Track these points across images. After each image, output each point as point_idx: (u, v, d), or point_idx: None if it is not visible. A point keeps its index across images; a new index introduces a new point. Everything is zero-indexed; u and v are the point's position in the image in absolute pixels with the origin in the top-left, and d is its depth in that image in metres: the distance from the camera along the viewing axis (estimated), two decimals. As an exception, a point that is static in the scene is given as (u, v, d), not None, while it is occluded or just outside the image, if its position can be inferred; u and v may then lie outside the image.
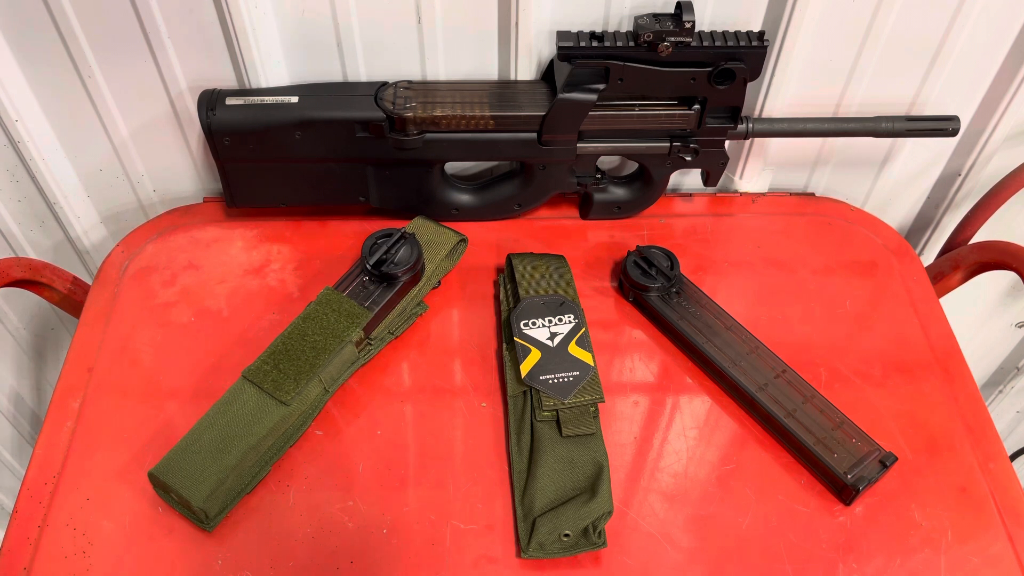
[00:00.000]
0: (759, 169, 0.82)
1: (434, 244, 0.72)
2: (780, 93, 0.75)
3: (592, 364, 0.65)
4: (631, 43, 0.66)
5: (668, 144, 0.74)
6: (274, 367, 0.62)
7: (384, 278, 0.68)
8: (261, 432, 0.59)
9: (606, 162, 0.81)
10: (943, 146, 0.82)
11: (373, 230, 0.70)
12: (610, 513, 0.58)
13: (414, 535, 0.58)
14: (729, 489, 0.61)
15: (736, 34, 0.67)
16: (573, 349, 0.66)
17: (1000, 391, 1.11)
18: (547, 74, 0.73)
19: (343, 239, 0.77)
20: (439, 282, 0.73)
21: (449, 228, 0.74)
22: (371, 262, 0.67)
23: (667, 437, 0.64)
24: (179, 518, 0.59)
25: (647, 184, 0.78)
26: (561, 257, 0.73)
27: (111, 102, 0.73)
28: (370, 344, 0.67)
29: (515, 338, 0.66)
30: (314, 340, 0.63)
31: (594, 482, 0.59)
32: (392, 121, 0.69)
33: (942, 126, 0.73)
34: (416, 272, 0.69)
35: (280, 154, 0.71)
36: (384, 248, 0.68)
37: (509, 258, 0.72)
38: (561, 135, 0.72)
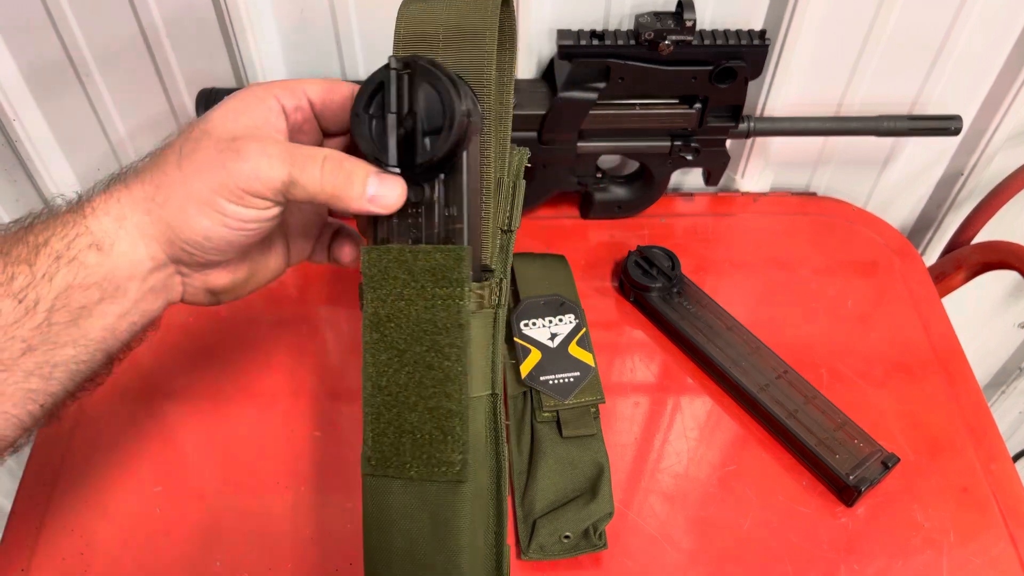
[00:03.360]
0: (760, 168, 0.82)
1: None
2: (781, 92, 0.75)
3: (592, 364, 0.65)
4: (632, 42, 0.66)
5: (669, 143, 0.73)
6: (396, 436, 0.40)
7: (429, 168, 0.40)
8: (456, 535, 0.41)
9: (607, 161, 0.81)
10: (945, 145, 0.82)
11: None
12: (611, 514, 0.58)
13: (413, 536, 0.58)
14: (730, 490, 0.61)
15: (737, 33, 0.67)
16: (573, 349, 0.65)
17: (1003, 392, 1.11)
18: (547, 73, 0.73)
19: (342, 239, 0.76)
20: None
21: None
22: (391, 158, 0.40)
23: (668, 438, 0.64)
24: (178, 519, 0.58)
25: (648, 183, 0.77)
26: (561, 257, 0.73)
27: (109, 101, 0.72)
28: (490, 274, 0.43)
29: (515, 338, 0.66)
30: (420, 355, 0.40)
31: (595, 483, 0.59)
32: (391, 120, 0.69)
33: (944, 125, 0.73)
34: (468, 115, 0.40)
35: (279, 153, 0.70)
36: (392, 111, 0.39)
37: (509, 258, 0.72)
38: (561, 134, 0.71)
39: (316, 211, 0.49)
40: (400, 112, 0.39)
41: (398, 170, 0.40)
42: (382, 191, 0.40)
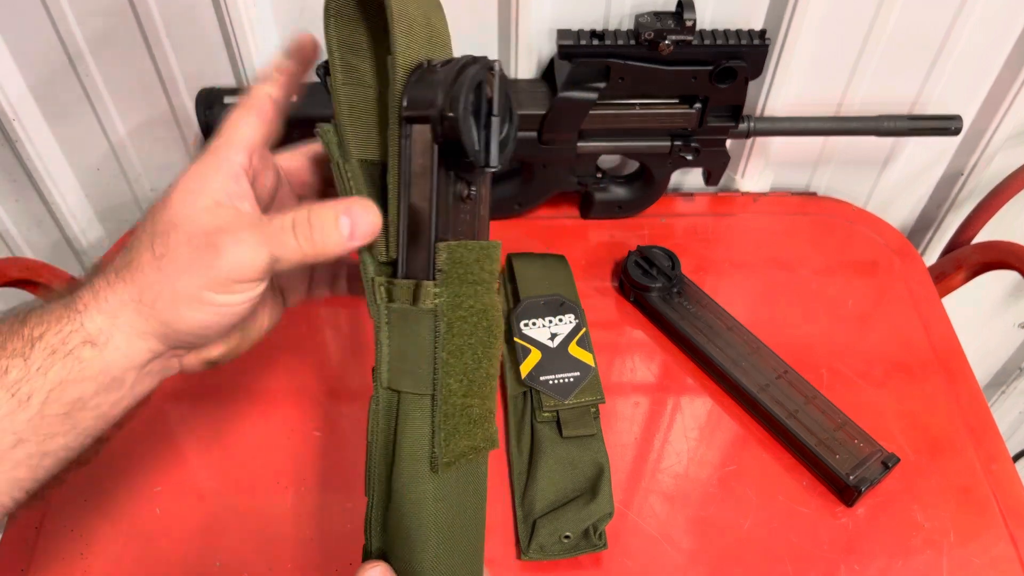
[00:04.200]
0: (760, 168, 0.82)
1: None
2: (782, 92, 0.74)
3: (592, 364, 0.65)
4: (632, 42, 0.66)
5: (669, 143, 0.73)
6: (467, 427, 0.41)
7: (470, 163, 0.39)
8: (484, 498, 0.44)
9: (607, 161, 0.81)
10: (945, 145, 0.82)
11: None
12: (611, 514, 0.58)
13: (413, 537, 0.58)
14: (730, 490, 0.61)
15: (737, 32, 0.67)
16: (573, 349, 0.65)
17: (1003, 392, 1.10)
18: (547, 73, 0.72)
19: (342, 239, 0.76)
20: None
21: None
22: (496, 161, 0.40)
23: (668, 438, 0.64)
24: (178, 519, 0.58)
25: (648, 183, 0.77)
26: (561, 257, 0.73)
27: (108, 101, 0.72)
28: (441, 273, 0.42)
29: (515, 338, 0.66)
30: (484, 341, 0.42)
31: (595, 483, 0.59)
32: (391, 120, 0.69)
33: (944, 125, 0.73)
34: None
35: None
36: (496, 115, 0.39)
37: (509, 258, 0.72)
38: (561, 134, 0.71)
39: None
40: (502, 115, 0.40)
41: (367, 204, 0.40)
42: (359, 226, 0.40)
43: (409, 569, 0.40)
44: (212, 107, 0.69)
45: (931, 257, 0.89)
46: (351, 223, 0.40)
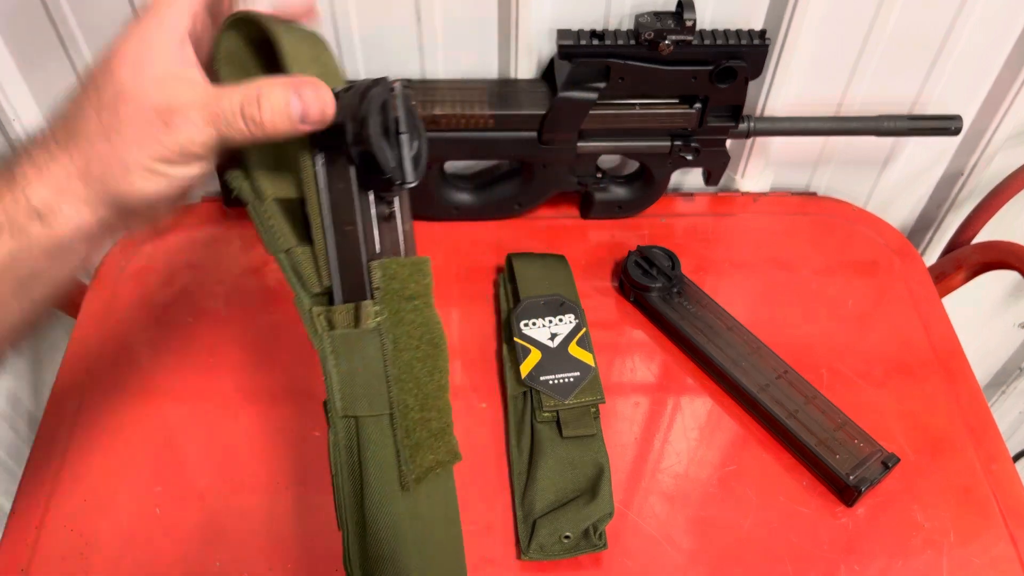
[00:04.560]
0: (760, 168, 0.82)
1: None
2: (782, 92, 0.74)
3: (592, 364, 0.65)
4: (632, 41, 0.66)
5: (669, 143, 0.73)
6: (429, 441, 0.42)
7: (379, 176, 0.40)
8: (456, 510, 0.45)
9: (607, 161, 0.81)
10: (945, 145, 0.82)
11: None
12: (611, 514, 0.58)
13: (413, 537, 0.58)
14: (730, 490, 0.61)
15: (737, 32, 0.67)
16: (573, 349, 0.65)
17: (1003, 392, 1.10)
18: (547, 73, 0.72)
19: (342, 239, 0.76)
20: None
21: None
22: (411, 177, 0.40)
23: (668, 438, 0.64)
24: (178, 519, 0.58)
25: (648, 183, 0.77)
26: (561, 257, 0.73)
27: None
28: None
29: (515, 338, 0.66)
30: (429, 355, 0.42)
31: (595, 483, 0.59)
32: (391, 120, 0.69)
33: (944, 125, 0.73)
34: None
35: (279, 153, 0.70)
36: (404, 132, 0.40)
37: (509, 258, 0.72)
38: (561, 134, 0.71)
39: None
40: (410, 131, 0.40)
41: (329, 91, 0.39)
42: (310, 109, 0.39)
43: None
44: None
45: (931, 257, 0.89)
46: (301, 106, 0.39)
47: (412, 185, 0.41)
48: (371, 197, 0.41)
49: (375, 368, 0.40)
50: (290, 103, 0.39)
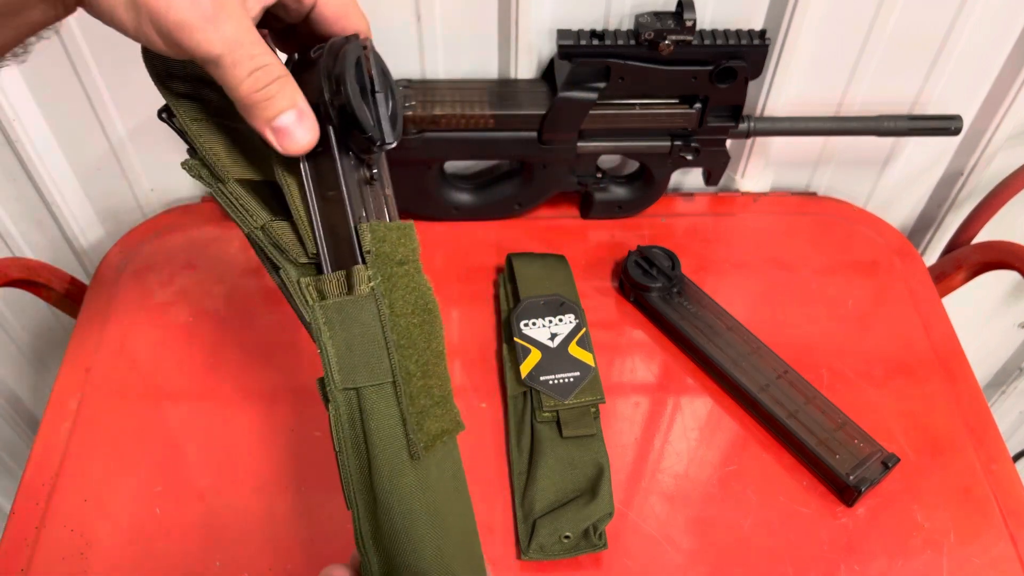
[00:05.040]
0: (761, 168, 0.82)
1: None
2: (782, 92, 0.74)
3: (593, 364, 0.65)
4: (632, 41, 0.66)
5: (669, 143, 0.73)
6: (434, 408, 0.41)
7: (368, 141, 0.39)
8: (463, 477, 0.43)
9: (607, 161, 0.81)
10: (945, 145, 0.82)
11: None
12: (611, 514, 0.58)
13: (413, 537, 0.58)
14: (730, 490, 0.61)
15: (737, 32, 0.67)
16: (573, 349, 0.65)
17: (1003, 392, 1.10)
18: (547, 73, 0.72)
19: (342, 239, 0.76)
20: None
21: None
22: (391, 137, 0.40)
23: (668, 438, 0.64)
24: (177, 519, 0.58)
25: (648, 183, 0.77)
26: (561, 257, 0.73)
27: (109, 101, 0.72)
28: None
29: (515, 338, 0.66)
30: (427, 323, 0.41)
31: (595, 483, 0.59)
32: (391, 120, 0.69)
33: (944, 125, 0.73)
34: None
35: (279, 153, 0.70)
36: (379, 91, 0.39)
37: (509, 258, 0.72)
38: (561, 134, 0.71)
39: None
40: (384, 91, 0.39)
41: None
42: (297, 130, 0.37)
43: (416, 569, 0.38)
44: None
45: (931, 257, 0.89)
46: (291, 123, 0.37)
47: (391, 146, 0.39)
48: (352, 161, 0.40)
49: (373, 334, 0.39)
50: (284, 113, 0.37)
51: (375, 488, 0.39)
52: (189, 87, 0.41)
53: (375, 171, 0.41)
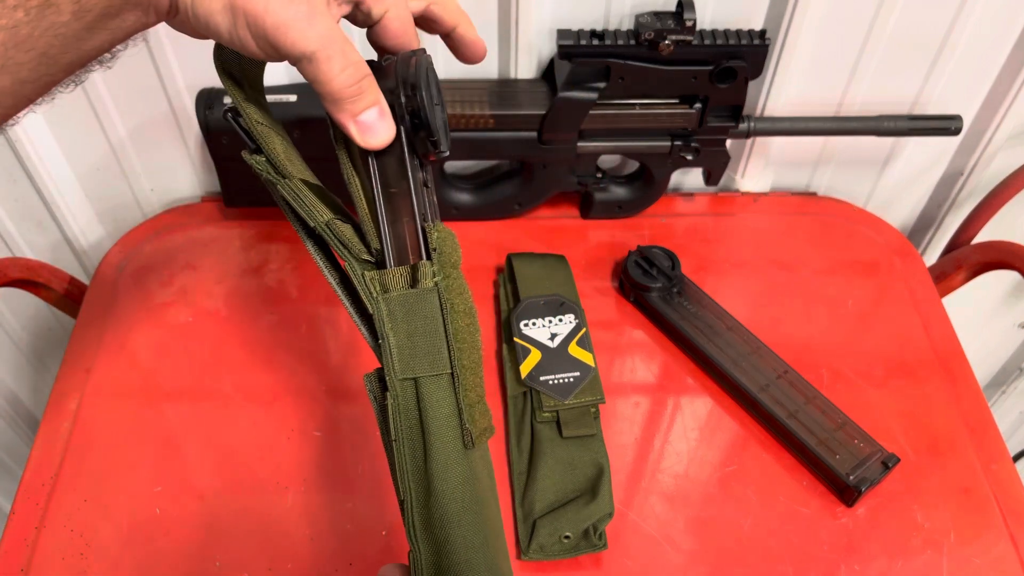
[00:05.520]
0: (761, 168, 0.82)
1: None
2: (782, 92, 0.74)
3: (592, 364, 0.65)
4: (632, 41, 0.66)
5: (669, 143, 0.73)
6: (481, 405, 0.42)
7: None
8: (493, 479, 0.44)
9: (607, 161, 0.81)
10: (945, 145, 0.82)
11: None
12: (611, 515, 0.58)
13: (413, 537, 0.58)
14: (730, 490, 0.61)
15: (738, 32, 0.67)
16: (573, 349, 0.65)
17: (1003, 392, 1.10)
18: (547, 73, 0.72)
19: (342, 239, 0.76)
20: None
21: None
22: (446, 147, 0.43)
23: (668, 438, 0.64)
24: (178, 519, 0.58)
25: (648, 183, 0.77)
26: (561, 257, 0.73)
27: (108, 101, 0.72)
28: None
29: (515, 338, 0.66)
30: (472, 326, 0.43)
31: (595, 483, 0.59)
32: (391, 120, 0.69)
33: (944, 125, 0.73)
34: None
35: (279, 153, 0.70)
36: (438, 103, 0.42)
37: (509, 258, 0.72)
38: (561, 134, 0.71)
39: None
40: (441, 103, 0.42)
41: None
42: (379, 125, 0.40)
43: (466, 558, 0.39)
44: (212, 107, 0.69)
45: (931, 257, 0.89)
46: (375, 120, 0.40)
47: (446, 154, 0.42)
48: (416, 162, 0.42)
49: (435, 327, 0.40)
50: (370, 110, 0.40)
51: (430, 476, 0.40)
52: (257, 95, 0.44)
53: (428, 176, 0.43)
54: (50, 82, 0.38)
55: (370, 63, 0.41)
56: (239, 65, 0.44)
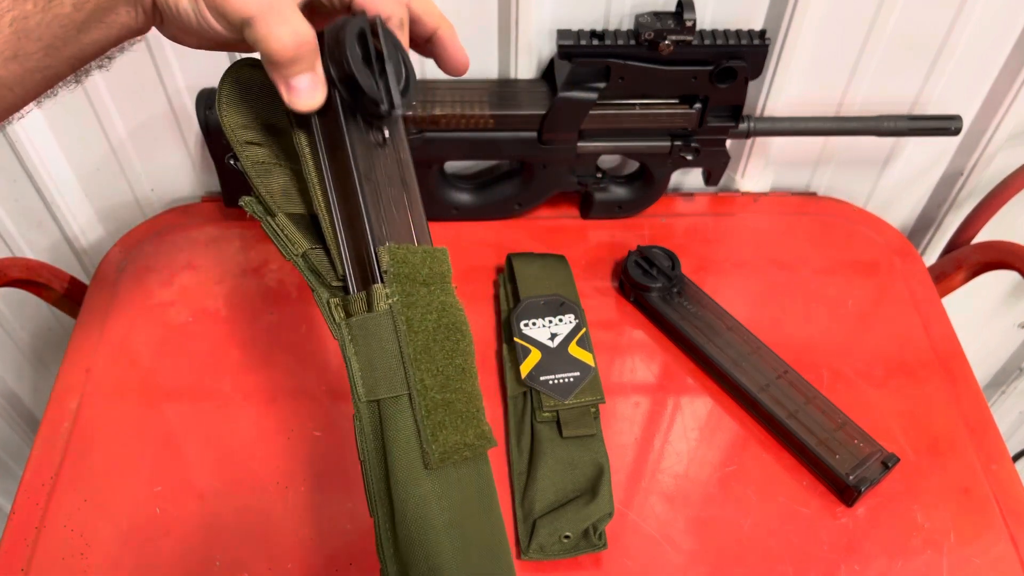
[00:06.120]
0: (761, 168, 0.82)
1: None
2: (782, 92, 0.74)
3: (593, 364, 0.65)
4: (632, 42, 0.66)
5: (669, 143, 0.73)
6: (453, 422, 0.42)
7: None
8: (495, 499, 0.44)
9: (607, 161, 0.81)
10: (945, 145, 0.82)
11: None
12: (611, 514, 0.58)
13: (413, 537, 0.58)
14: (730, 490, 0.61)
15: (737, 32, 0.67)
16: (573, 349, 0.65)
17: (1003, 392, 1.10)
18: (547, 73, 0.72)
19: (342, 239, 0.76)
20: None
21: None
22: (400, 106, 0.42)
23: (668, 438, 0.64)
24: (178, 518, 0.58)
25: (648, 183, 0.77)
26: (561, 257, 0.73)
27: (109, 101, 0.72)
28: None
29: (515, 338, 0.66)
30: (449, 338, 0.43)
31: (595, 483, 0.59)
32: (391, 120, 0.69)
33: (944, 125, 0.73)
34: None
35: (279, 153, 0.70)
36: (391, 60, 0.42)
37: (509, 258, 0.72)
38: (561, 134, 0.71)
39: None
40: (395, 62, 0.42)
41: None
42: (309, 90, 0.41)
43: None
44: (212, 107, 0.69)
45: (931, 257, 0.89)
46: (307, 85, 0.41)
47: (401, 113, 0.43)
48: (361, 125, 0.43)
49: (391, 349, 0.41)
50: (301, 76, 0.41)
51: (392, 495, 0.40)
52: (259, 136, 0.46)
53: (387, 134, 0.44)
54: (54, 75, 0.40)
55: (320, 32, 0.42)
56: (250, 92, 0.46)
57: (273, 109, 0.46)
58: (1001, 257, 0.76)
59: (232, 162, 0.46)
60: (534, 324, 0.67)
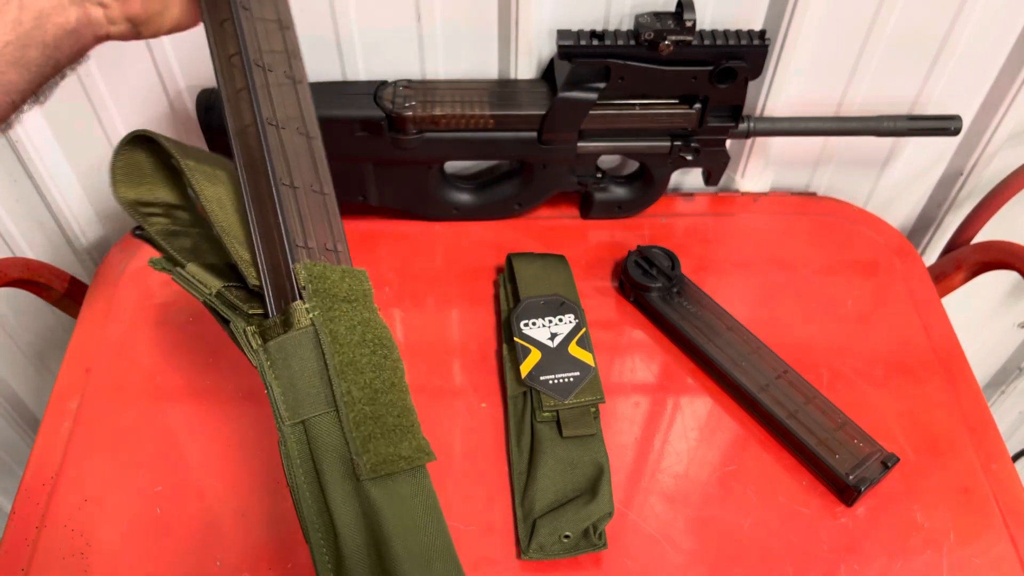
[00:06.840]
0: (760, 168, 0.82)
1: None
2: (781, 92, 0.74)
3: (592, 364, 0.65)
4: (632, 42, 0.66)
5: (669, 143, 0.73)
6: (383, 434, 0.41)
7: None
8: (439, 512, 0.43)
9: (607, 161, 0.81)
10: (945, 145, 0.82)
11: (373, 230, 0.70)
12: (611, 514, 0.58)
13: (413, 536, 0.58)
14: (730, 490, 0.61)
15: (737, 33, 0.67)
16: (573, 349, 0.65)
17: (1002, 392, 1.10)
18: (547, 73, 0.72)
19: (342, 239, 0.76)
20: None
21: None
22: None
23: (668, 438, 0.64)
24: (178, 518, 0.58)
25: (648, 183, 0.77)
26: (561, 257, 0.73)
27: (109, 101, 0.72)
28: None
29: (515, 338, 0.66)
30: (376, 353, 0.42)
31: (594, 483, 0.59)
32: (391, 120, 0.69)
33: (944, 125, 0.73)
34: None
35: (279, 153, 0.70)
36: None
37: (509, 258, 0.72)
38: (561, 134, 0.71)
39: None
40: None
41: None
42: None
43: None
44: (212, 107, 0.69)
45: (931, 257, 0.89)
46: None
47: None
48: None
49: (315, 365, 0.40)
50: None
51: (331, 511, 0.40)
52: (160, 210, 0.49)
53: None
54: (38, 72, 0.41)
55: None
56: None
57: (169, 186, 0.48)
58: (1001, 257, 0.76)
59: (138, 233, 0.48)
60: (534, 324, 0.67)
